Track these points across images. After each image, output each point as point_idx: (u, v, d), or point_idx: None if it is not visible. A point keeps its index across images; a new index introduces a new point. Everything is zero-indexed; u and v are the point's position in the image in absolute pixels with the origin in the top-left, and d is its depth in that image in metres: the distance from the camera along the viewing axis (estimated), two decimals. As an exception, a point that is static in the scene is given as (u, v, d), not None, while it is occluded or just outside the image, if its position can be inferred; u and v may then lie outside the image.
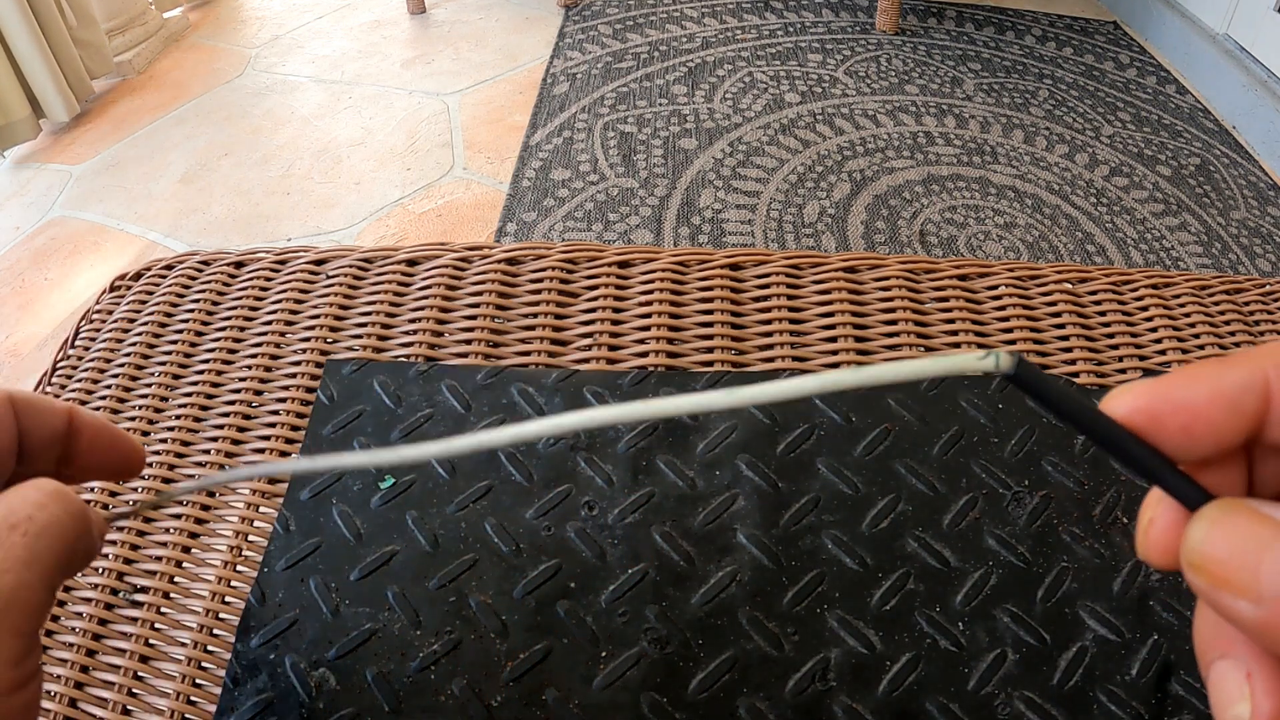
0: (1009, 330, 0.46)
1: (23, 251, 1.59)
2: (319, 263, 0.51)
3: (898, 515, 0.39)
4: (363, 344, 0.46)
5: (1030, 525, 0.38)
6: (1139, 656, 0.34)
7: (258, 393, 0.45)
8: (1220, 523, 0.16)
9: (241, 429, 0.44)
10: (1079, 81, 2.01)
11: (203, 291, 0.50)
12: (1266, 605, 0.15)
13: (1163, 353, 0.46)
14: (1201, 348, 0.46)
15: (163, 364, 0.47)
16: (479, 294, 0.48)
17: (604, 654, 0.35)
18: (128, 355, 0.48)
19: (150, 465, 0.43)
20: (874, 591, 0.36)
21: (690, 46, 2.09)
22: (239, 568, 0.39)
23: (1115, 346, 0.46)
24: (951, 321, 0.47)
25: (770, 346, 0.46)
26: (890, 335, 0.46)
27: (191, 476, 0.42)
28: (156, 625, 0.37)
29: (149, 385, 0.46)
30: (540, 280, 0.49)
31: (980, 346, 0.46)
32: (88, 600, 0.38)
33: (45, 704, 0.36)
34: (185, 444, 0.43)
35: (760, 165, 1.69)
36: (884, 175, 1.68)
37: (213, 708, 0.35)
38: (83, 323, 0.51)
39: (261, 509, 0.40)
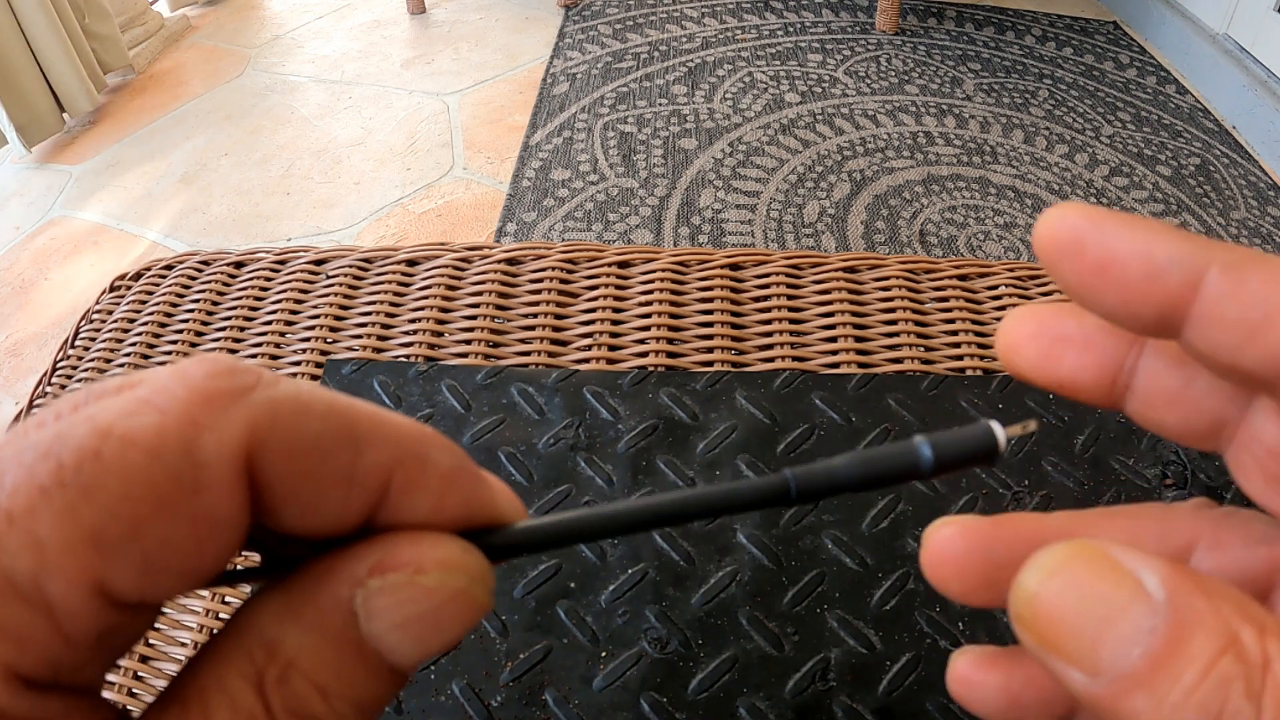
0: (1009, 330, 0.46)
1: (23, 251, 1.59)
2: (319, 263, 0.51)
3: (898, 515, 0.39)
4: (363, 344, 0.46)
5: (1030, 525, 0.38)
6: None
7: (258, 393, 0.45)
8: (1062, 573, 0.13)
9: (241, 429, 0.44)
10: (1079, 81, 2.01)
11: (203, 292, 0.50)
12: (1103, 682, 0.12)
13: (1163, 353, 0.46)
14: (1201, 348, 0.46)
15: (163, 364, 0.47)
16: (479, 294, 0.48)
17: (604, 654, 0.35)
18: (128, 355, 0.48)
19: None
20: (874, 591, 0.36)
21: (690, 46, 2.09)
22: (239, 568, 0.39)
23: (1115, 346, 0.46)
24: (951, 321, 0.47)
25: (770, 346, 0.46)
26: (890, 335, 0.46)
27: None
28: (157, 625, 0.37)
29: (149, 385, 0.46)
30: (540, 280, 0.49)
31: (979, 347, 0.46)
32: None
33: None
34: (185, 444, 0.43)
35: (760, 165, 1.69)
36: (884, 175, 1.68)
37: (213, 708, 0.35)
38: (83, 323, 0.51)
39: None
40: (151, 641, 0.37)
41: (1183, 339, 0.14)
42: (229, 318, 0.49)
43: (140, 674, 0.36)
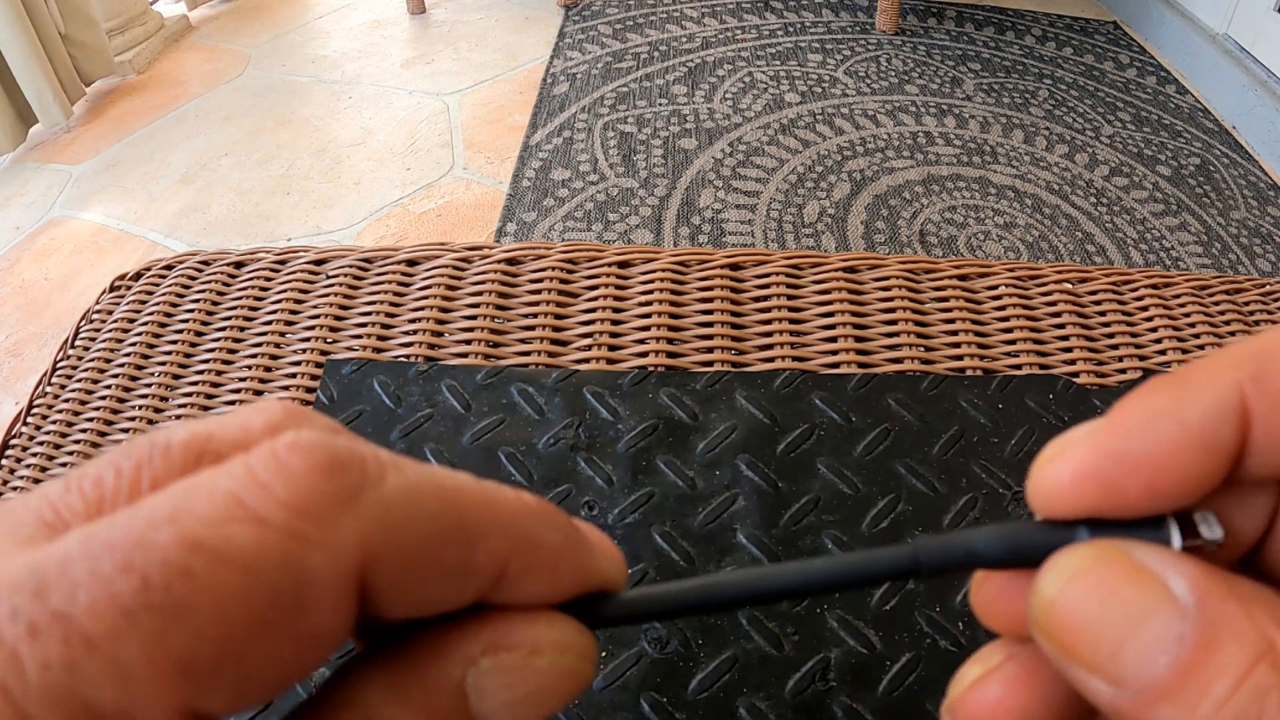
0: (1009, 330, 0.46)
1: (23, 251, 1.59)
2: (319, 263, 0.51)
3: (898, 515, 0.39)
4: (363, 344, 0.46)
5: (1030, 525, 0.38)
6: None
7: (258, 393, 0.45)
8: (1081, 579, 0.12)
9: (241, 429, 0.43)
10: (1079, 81, 2.01)
11: (203, 291, 0.50)
12: (1128, 692, 0.11)
13: (1163, 353, 0.46)
14: (1201, 347, 0.46)
15: (163, 364, 0.47)
16: (479, 294, 0.48)
17: (604, 654, 0.35)
18: (128, 355, 0.48)
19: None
20: (874, 591, 0.36)
21: (690, 46, 2.09)
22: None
23: (1115, 346, 0.46)
24: (951, 321, 0.47)
25: (770, 346, 0.46)
26: (890, 335, 0.46)
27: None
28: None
29: (149, 385, 0.46)
30: (540, 280, 0.49)
31: (979, 347, 0.46)
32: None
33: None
34: (185, 444, 0.43)
35: (760, 165, 1.69)
36: (884, 175, 1.68)
37: (213, 708, 0.35)
38: (83, 323, 0.51)
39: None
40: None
41: (1241, 473, 0.13)
42: (229, 318, 0.49)
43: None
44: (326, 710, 0.13)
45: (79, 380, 0.47)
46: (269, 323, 0.48)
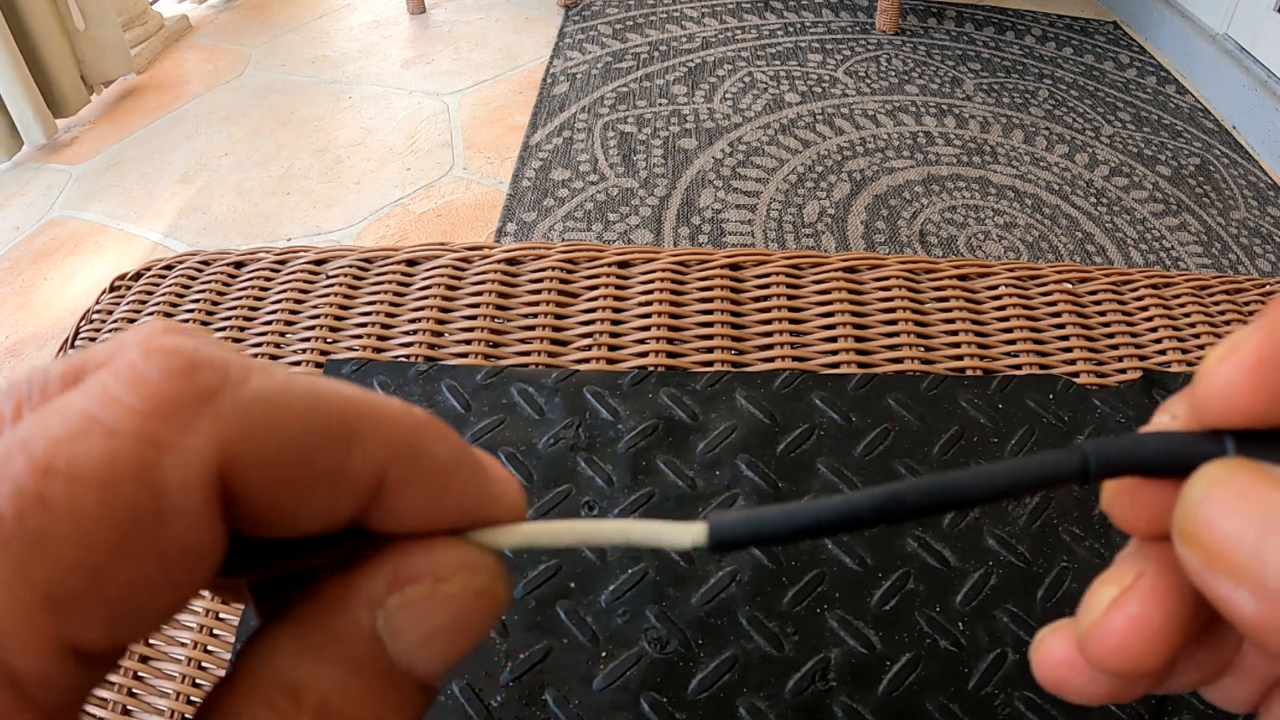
0: (1009, 330, 0.46)
1: (23, 251, 1.59)
2: (319, 263, 0.51)
3: (898, 515, 0.39)
4: (363, 344, 0.46)
5: (1030, 525, 0.38)
6: (1139, 656, 0.34)
7: (258, 393, 0.45)
8: (1225, 484, 0.12)
9: (241, 429, 0.43)
10: (1079, 81, 2.01)
11: (203, 291, 0.50)
12: (1270, 599, 0.11)
13: (1163, 353, 0.46)
14: (1201, 348, 0.46)
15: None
16: (479, 294, 0.48)
17: (604, 654, 0.35)
18: (128, 355, 0.48)
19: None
20: (874, 591, 0.36)
21: (690, 46, 2.09)
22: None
23: (1115, 346, 0.46)
24: (951, 321, 0.47)
25: (770, 346, 0.46)
26: (890, 335, 0.46)
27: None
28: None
29: (149, 385, 0.46)
30: (540, 280, 0.49)
31: (979, 347, 0.46)
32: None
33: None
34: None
35: (760, 165, 1.69)
36: (884, 175, 1.68)
37: (213, 708, 0.35)
38: (83, 323, 0.51)
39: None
40: (152, 641, 0.37)
41: None
42: (229, 318, 0.49)
43: (140, 674, 0.36)
44: (238, 683, 0.12)
45: (79, 380, 0.47)
46: (269, 323, 0.48)
